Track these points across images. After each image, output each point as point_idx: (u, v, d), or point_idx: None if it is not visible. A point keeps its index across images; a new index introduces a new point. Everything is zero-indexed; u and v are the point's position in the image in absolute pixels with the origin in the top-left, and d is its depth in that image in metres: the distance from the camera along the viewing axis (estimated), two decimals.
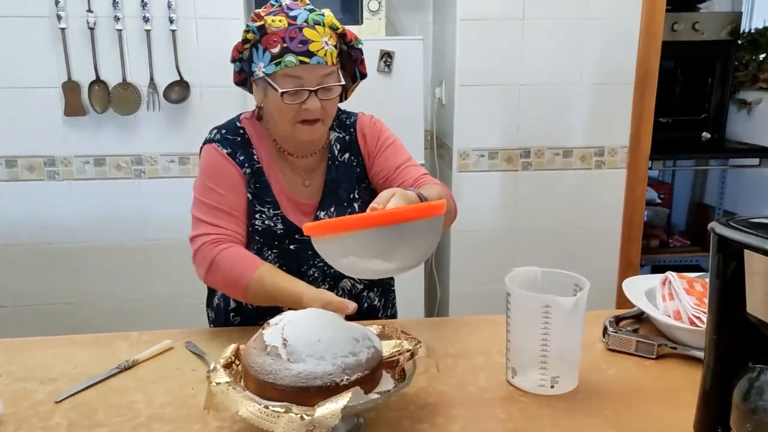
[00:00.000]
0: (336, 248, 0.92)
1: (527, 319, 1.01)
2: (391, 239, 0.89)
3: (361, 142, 1.40)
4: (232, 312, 1.40)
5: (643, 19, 2.44)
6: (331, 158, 1.38)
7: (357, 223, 0.89)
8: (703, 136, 3.10)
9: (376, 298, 1.44)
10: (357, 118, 1.42)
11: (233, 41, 2.43)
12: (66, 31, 2.34)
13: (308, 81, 1.21)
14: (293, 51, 1.19)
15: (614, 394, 1.02)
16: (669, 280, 1.20)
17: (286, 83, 1.21)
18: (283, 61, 1.19)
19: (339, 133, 1.40)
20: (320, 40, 1.20)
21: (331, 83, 1.23)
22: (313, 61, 1.19)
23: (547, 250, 2.62)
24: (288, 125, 1.26)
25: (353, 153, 1.39)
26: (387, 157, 1.39)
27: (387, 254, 0.90)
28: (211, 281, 1.29)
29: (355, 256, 0.90)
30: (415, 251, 0.94)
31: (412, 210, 0.92)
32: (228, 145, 1.32)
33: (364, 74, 1.36)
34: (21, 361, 1.16)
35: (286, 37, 1.19)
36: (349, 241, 0.89)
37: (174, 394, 1.03)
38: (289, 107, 1.22)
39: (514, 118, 2.52)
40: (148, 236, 2.57)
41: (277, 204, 1.33)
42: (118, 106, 2.42)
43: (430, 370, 1.08)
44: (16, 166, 2.46)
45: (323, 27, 1.22)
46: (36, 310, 2.58)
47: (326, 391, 0.84)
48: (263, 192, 1.32)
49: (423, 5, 2.84)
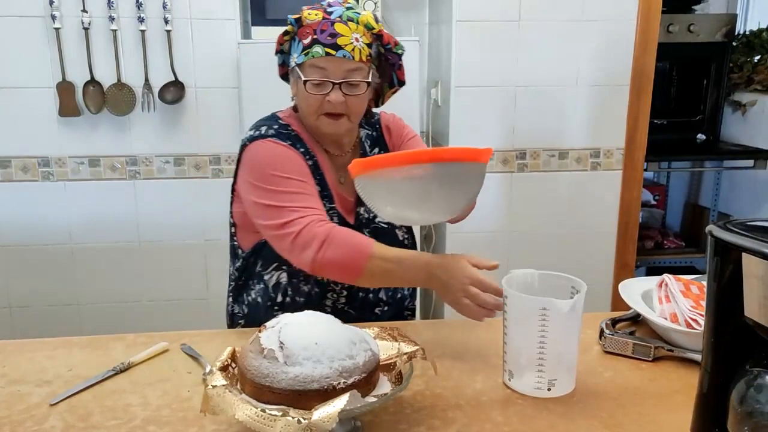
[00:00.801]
0: (380, 189, 0.90)
1: (524, 321, 1.00)
2: (435, 181, 0.88)
3: (386, 136, 1.44)
4: (277, 307, 1.36)
5: (639, 21, 2.45)
6: (363, 155, 1.40)
7: (405, 158, 0.89)
8: (698, 137, 3.11)
9: (405, 289, 1.47)
10: (380, 115, 1.46)
11: (228, 41, 2.47)
12: (60, 31, 2.33)
13: (333, 73, 1.23)
14: (321, 42, 1.22)
15: (611, 397, 1.02)
16: (666, 283, 1.20)
17: (312, 73, 1.24)
18: (311, 52, 1.23)
19: (368, 130, 1.43)
20: (350, 36, 1.22)
21: (357, 79, 1.25)
22: (339, 54, 1.22)
23: (543, 252, 2.62)
24: (313, 116, 1.28)
25: (381, 148, 1.43)
26: (410, 147, 1.42)
27: (429, 198, 0.90)
28: (322, 261, 1.18)
29: (400, 197, 0.89)
30: (457, 197, 0.93)
31: (459, 151, 0.91)
32: (286, 138, 1.31)
33: (402, 81, 1.37)
34: (15, 363, 1.15)
35: (317, 29, 1.23)
36: (395, 182, 0.88)
37: (170, 397, 1.03)
38: (313, 98, 1.25)
39: (510, 119, 2.52)
40: (143, 237, 2.56)
41: (332, 198, 1.34)
42: (112, 106, 2.41)
43: (427, 373, 1.08)
44: (10, 167, 2.44)
45: (356, 24, 1.24)
46: (30, 311, 2.57)
47: (323, 394, 0.84)
48: (323, 186, 1.33)
49: (418, 6, 2.84)
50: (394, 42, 1.30)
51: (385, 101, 1.42)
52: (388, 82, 1.37)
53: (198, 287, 2.60)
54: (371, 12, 1.29)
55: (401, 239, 1.42)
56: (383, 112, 1.47)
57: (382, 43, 1.29)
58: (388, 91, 1.39)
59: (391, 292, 1.42)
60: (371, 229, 1.38)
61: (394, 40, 1.30)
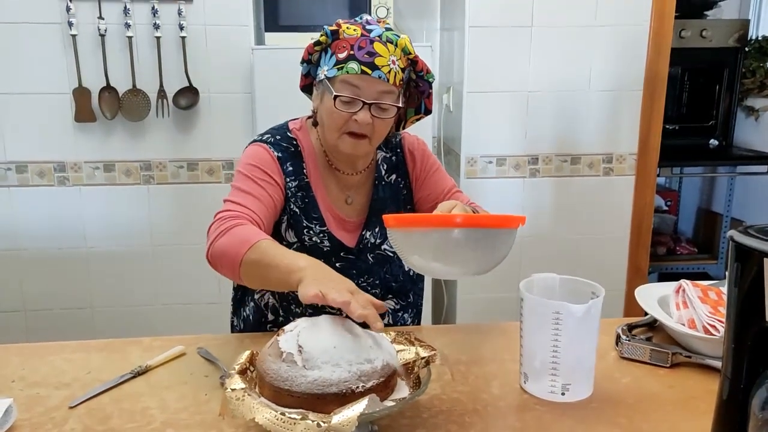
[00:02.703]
0: (411, 243, 0.93)
1: (538, 324, 1.00)
2: (465, 244, 0.91)
3: (409, 163, 1.39)
4: (269, 324, 1.37)
5: (652, 26, 2.44)
6: (378, 178, 1.37)
7: (438, 221, 0.91)
8: (710, 143, 3.10)
9: (409, 319, 1.46)
10: (402, 138, 1.41)
11: (242, 48, 2.49)
12: (77, 37, 2.35)
13: (365, 93, 1.20)
14: (358, 59, 1.19)
15: (629, 403, 1.02)
16: (683, 288, 1.20)
17: (344, 89, 1.20)
18: (346, 67, 1.19)
19: (386, 153, 1.39)
20: (387, 57, 1.20)
21: (388, 102, 1.22)
22: (375, 75, 1.19)
23: (555, 257, 2.61)
24: (335, 133, 1.24)
25: (400, 174, 1.39)
26: (437, 181, 1.39)
27: (458, 257, 0.93)
28: (213, 251, 1.16)
29: (428, 254, 0.91)
30: (486, 259, 0.96)
31: (492, 218, 0.94)
32: (281, 151, 1.30)
33: (429, 110, 1.34)
34: (34, 366, 1.16)
35: (355, 45, 1.19)
36: (426, 238, 0.91)
37: (188, 400, 1.03)
38: (339, 114, 1.21)
39: (522, 124, 2.52)
40: (156, 241, 2.58)
41: (323, 220, 1.31)
42: (127, 112, 2.43)
43: (444, 377, 1.08)
44: (27, 172, 2.47)
45: (394, 46, 1.21)
46: (45, 314, 2.59)
47: (342, 398, 0.84)
48: (311, 207, 1.31)
49: (430, 12, 2.85)
50: (427, 69, 1.28)
51: (407, 127, 1.39)
52: (413, 107, 1.34)
53: (211, 291, 2.61)
54: (408, 37, 1.26)
55: (408, 269, 1.41)
56: (406, 133, 1.43)
57: (415, 69, 1.27)
58: (412, 117, 1.36)
59: (393, 317, 1.40)
60: (375, 255, 1.36)
61: (427, 67, 1.28)
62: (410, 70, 1.27)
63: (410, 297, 1.44)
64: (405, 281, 1.41)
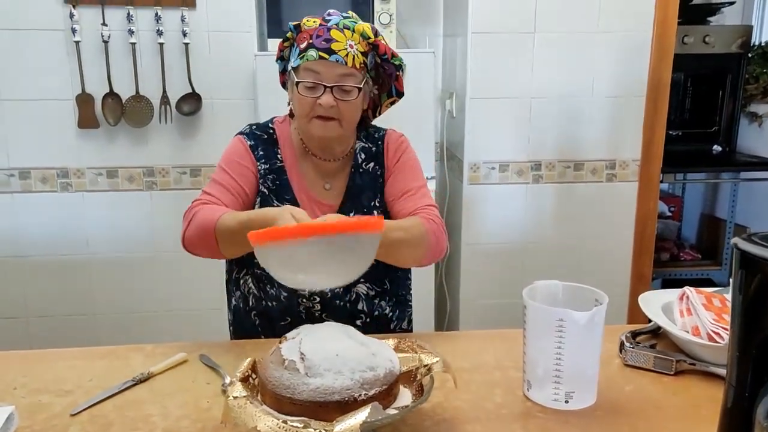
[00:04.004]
0: (272, 257, 0.95)
1: (541, 332, 1.00)
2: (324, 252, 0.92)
3: (386, 154, 1.44)
4: (254, 311, 1.41)
5: (655, 32, 2.44)
6: (355, 166, 1.42)
7: (294, 231, 0.94)
8: (713, 149, 3.10)
9: (388, 308, 1.44)
10: (386, 132, 1.47)
11: (245, 54, 2.49)
12: (80, 44, 2.36)
13: (325, 77, 1.27)
14: (316, 47, 1.27)
15: (633, 411, 1.01)
16: (687, 295, 1.19)
17: (306, 76, 1.28)
18: (306, 55, 1.27)
19: (365, 144, 1.44)
20: (345, 42, 1.27)
21: (350, 84, 1.28)
22: (332, 59, 1.26)
23: (558, 263, 2.60)
24: (305, 119, 1.31)
25: (378, 163, 1.43)
26: (399, 180, 1.41)
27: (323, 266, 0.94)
28: (189, 234, 1.29)
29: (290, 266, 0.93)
30: (349, 267, 0.97)
31: (345, 224, 0.96)
32: (253, 139, 1.40)
33: (400, 92, 1.41)
34: (36, 373, 1.16)
35: (314, 35, 1.28)
36: (290, 251, 0.92)
37: (190, 408, 1.03)
38: (305, 100, 1.28)
39: (525, 130, 2.52)
40: (159, 247, 2.58)
41: (296, 202, 1.37)
42: (130, 118, 2.44)
43: (446, 385, 1.07)
44: (30, 178, 2.47)
45: (351, 32, 1.29)
46: (47, 321, 2.59)
47: (344, 406, 0.83)
48: (282, 190, 1.38)
49: (433, 18, 2.85)
50: (392, 53, 1.35)
51: (383, 112, 1.46)
52: (386, 92, 1.42)
53: (213, 297, 2.59)
54: (370, 25, 1.33)
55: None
56: (393, 130, 1.48)
57: (378, 53, 1.34)
58: (386, 101, 1.43)
59: (368, 304, 1.41)
60: None
61: (391, 51, 1.35)
62: (374, 54, 1.34)
63: (386, 284, 1.43)
64: (379, 267, 1.39)
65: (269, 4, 2.43)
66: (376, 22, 2.46)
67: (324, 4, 1.44)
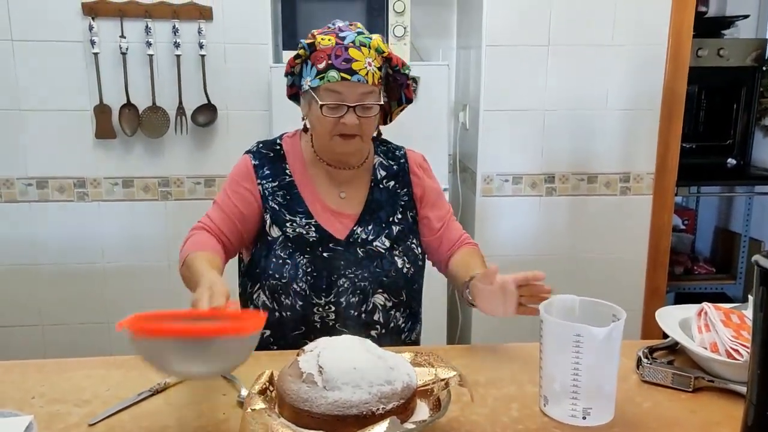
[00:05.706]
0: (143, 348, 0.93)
1: (558, 347, 0.99)
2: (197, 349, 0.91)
3: (414, 180, 1.47)
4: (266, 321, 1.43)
5: (669, 45, 2.44)
6: (374, 181, 1.44)
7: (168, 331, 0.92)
8: (728, 162, 3.08)
9: (401, 319, 1.45)
10: (407, 153, 1.50)
11: (260, 66, 2.51)
12: (99, 56, 2.39)
13: (348, 97, 1.29)
14: (337, 68, 1.28)
15: (651, 428, 1.00)
16: (705, 311, 1.18)
17: (328, 97, 1.30)
18: (327, 76, 1.28)
19: (384, 160, 1.47)
20: (363, 60, 1.29)
21: (371, 102, 1.31)
22: (354, 79, 1.28)
23: (572, 277, 2.59)
24: (326, 137, 1.34)
25: (403, 184, 1.46)
26: (436, 208, 1.48)
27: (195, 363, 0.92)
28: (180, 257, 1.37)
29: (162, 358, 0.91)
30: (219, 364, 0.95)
31: (221, 328, 0.94)
32: (259, 158, 1.42)
33: (409, 99, 1.44)
34: (54, 382, 1.17)
35: (332, 54, 1.29)
36: (157, 344, 0.91)
37: (206, 419, 1.04)
38: (327, 120, 1.30)
39: (539, 143, 2.52)
40: (173, 257, 2.58)
41: (309, 213, 1.39)
42: (147, 129, 2.46)
43: (462, 399, 1.07)
44: (47, 187, 2.50)
45: (368, 49, 1.31)
46: (62, 329, 2.61)
47: (362, 420, 0.84)
48: (295, 203, 1.39)
49: (447, 31, 2.87)
50: (402, 63, 1.38)
51: (393, 118, 1.48)
52: (396, 100, 1.44)
53: None
54: (380, 36, 1.36)
55: (401, 266, 1.41)
56: (411, 150, 1.52)
57: (390, 65, 1.37)
58: (396, 109, 1.46)
59: (384, 315, 1.41)
60: (366, 249, 1.39)
61: (401, 61, 1.38)
62: (386, 67, 1.37)
63: (402, 295, 1.43)
64: (398, 278, 1.41)
65: (285, 16, 2.46)
66: (390, 34, 2.48)
67: (340, 17, 1.45)
